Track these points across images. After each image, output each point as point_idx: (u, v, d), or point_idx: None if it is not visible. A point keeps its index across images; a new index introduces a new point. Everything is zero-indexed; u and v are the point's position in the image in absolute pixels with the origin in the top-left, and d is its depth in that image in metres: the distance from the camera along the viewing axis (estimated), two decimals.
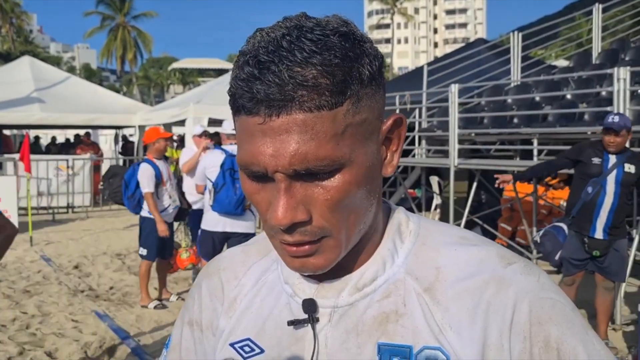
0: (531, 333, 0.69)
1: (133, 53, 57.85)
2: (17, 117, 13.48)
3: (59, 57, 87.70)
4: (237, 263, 0.87)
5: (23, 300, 6.16)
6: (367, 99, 0.67)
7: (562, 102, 7.52)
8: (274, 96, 0.63)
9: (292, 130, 0.63)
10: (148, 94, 70.07)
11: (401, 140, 0.74)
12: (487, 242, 0.77)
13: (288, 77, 0.62)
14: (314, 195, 0.67)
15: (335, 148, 0.64)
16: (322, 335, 0.75)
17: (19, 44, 54.89)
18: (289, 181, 0.66)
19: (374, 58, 0.68)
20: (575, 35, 12.77)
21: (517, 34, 9.49)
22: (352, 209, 0.69)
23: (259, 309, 0.81)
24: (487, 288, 0.71)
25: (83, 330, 5.23)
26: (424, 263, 0.75)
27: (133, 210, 5.93)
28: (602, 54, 8.78)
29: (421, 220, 0.80)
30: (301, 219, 0.67)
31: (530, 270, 0.73)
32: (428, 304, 0.72)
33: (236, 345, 0.80)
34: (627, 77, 5.51)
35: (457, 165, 7.28)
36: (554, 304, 0.71)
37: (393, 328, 0.72)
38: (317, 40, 0.64)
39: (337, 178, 0.66)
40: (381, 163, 0.73)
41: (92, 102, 14.54)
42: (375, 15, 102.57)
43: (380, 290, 0.74)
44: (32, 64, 15.74)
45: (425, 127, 9.16)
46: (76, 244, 9.41)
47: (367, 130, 0.68)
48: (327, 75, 0.63)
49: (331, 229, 0.68)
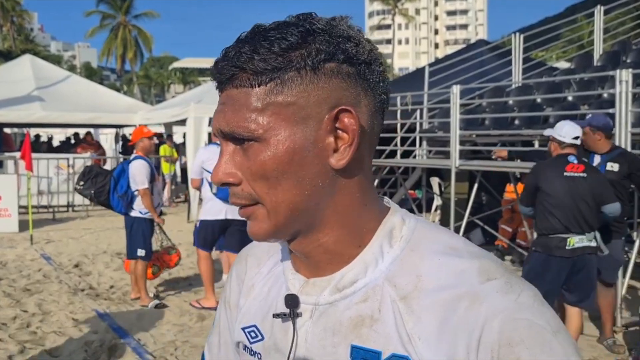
0: (499, 354, 0.66)
1: (134, 52, 57.82)
2: (17, 116, 13.47)
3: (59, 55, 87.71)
4: (262, 251, 0.93)
5: (23, 299, 6.15)
6: (298, 84, 0.72)
7: (564, 103, 7.52)
8: (220, 75, 0.76)
9: (227, 102, 0.75)
10: (149, 93, 70.05)
11: (354, 135, 0.73)
12: (476, 255, 0.75)
13: (232, 60, 0.74)
14: (241, 162, 0.75)
15: (252, 121, 0.73)
16: (302, 330, 0.79)
17: (20, 42, 54.83)
18: (226, 144, 0.77)
19: (319, 51, 0.72)
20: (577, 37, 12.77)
21: (518, 35, 9.49)
22: (274, 185, 0.74)
23: (266, 298, 0.86)
24: (460, 302, 0.70)
25: (83, 329, 5.22)
26: (407, 271, 0.75)
27: (123, 209, 5.87)
28: (604, 56, 8.78)
29: (418, 224, 0.79)
30: (228, 180, 0.76)
31: (511, 289, 0.70)
32: (401, 312, 0.73)
33: (246, 330, 0.87)
34: (629, 79, 5.51)
35: (458, 167, 7.28)
36: (530, 325, 0.67)
37: (367, 332, 0.74)
38: (277, 35, 0.73)
39: (256, 149, 0.74)
40: (324, 153, 0.74)
41: (92, 101, 14.53)
42: (376, 16, 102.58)
43: (359, 294, 0.76)
44: (32, 63, 15.73)
45: (426, 128, 9.16)
46: (76, 243, 9.41)
47: (297, 113, 0.73)
48: (259, 60, 0.72)
49: (258, 197, 0.75)
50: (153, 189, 5.86)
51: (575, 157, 4.22)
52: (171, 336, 5.09)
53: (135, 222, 5.87)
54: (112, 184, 5.91)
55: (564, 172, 4.17)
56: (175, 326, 5.36)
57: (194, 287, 6.61)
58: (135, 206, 5.85)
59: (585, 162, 4.28)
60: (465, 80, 8.80)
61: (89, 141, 16.26)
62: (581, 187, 4.11)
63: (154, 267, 6.15)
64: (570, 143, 4.25)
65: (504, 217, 8.46)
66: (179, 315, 5.66)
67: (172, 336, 5.09)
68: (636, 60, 8.07)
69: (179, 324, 5.42)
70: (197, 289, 6.50)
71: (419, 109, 9.11)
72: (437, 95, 8.95)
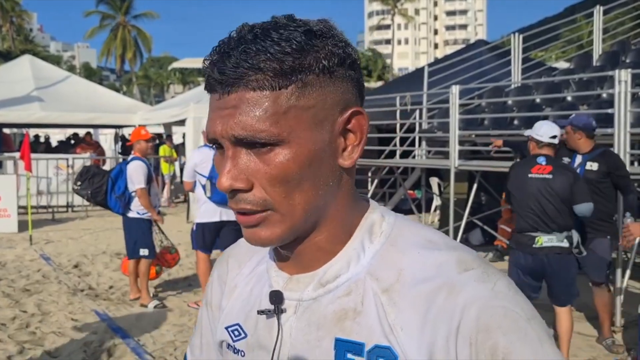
0: (477, 340, 0.69)
1: (133, 52, 57.83)
2: (17, 116, 13.47)
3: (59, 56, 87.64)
4: (243, 252, 0.94)
5: (23, 299, 6.15)
6: (317, 87, 0.73)
7: (563, 104, 7.52)
8: (227, 76, 0.72)
9: (239, 105, 0.72)
10: (148, 93, 70.03)
11: (363, 134, 0.78)
12: (453, 247, 0.78)
13: (242, 60, 0.71)
14: (256, 167, 0.73)
15: (274, 124, 0.71)
16: (287, 325, 0.80)
17: (19, 42, 54.81)
18: (235, 149, 0.74)
19: (332, 55, 0.74)
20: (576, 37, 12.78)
21: (517, 35, 9.49)
22: (294, 188, 0.73)
23: (248, 297, 0.88)
24: (439, 293, 0.72)
25: (83, 330, 5.22)
26: (388, 264, 0.78)
27: (120, 210, 5.89)
28: (603, 56, 8.78)
29: (396, 220, 0.82)
30: (239, 187, 0.74)
31: (487, 278, 0.73)
32: (384, 305, 0.75)
33: (229, 329, 0.88)
34: (629, 79, 5.51)
35: (457, 167, 7.28)
36: (506, 312, 0.70)
37: (350, 325, 0.76)
38: (281, 34, 0.72)
39: (277, 153, 0.72)
40: (336, 153, 0.77)
41: (92, 102, 14.53)
42: (376, 16, 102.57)
43: (342, 288, 0.78)
44: (32, 63, 15.73)
45: (425, 128, 9.16)
46: (76, 243, 9.41)
47: (316, 116, 0.74)
48: (275, 61, 0.71)
49: (273, 203, 0.74)
50: (150, 190, 5.88)
51: (545, 158, 4.27)
52: (170, 336, 5.09)
53: (133, 222, 5.88)
54: (109, 185, 5.92)
55: (529, 174, 4.28)
56: (174, 326, 5.36)
57: (193, 288, 6.61)
58: (133, 207, 5.86)
59: (556, 163, 4.30)
60: (465, 81, 8.79)
61: (89, 141, 16.25)
62: (546, 187, 4.19)
63: (157, 267, 6.17)
64: (547, 142, 4.29)
65: (503, 217, 8.45)
66: (178, 316, 5.66)
67: (171, 336, 5.09)
68: (635, 60, 8.08)
69: (178, 324, 5.42)
70: (196, 289, 6.50)
71: (418, 109, 9.10)
72: (437, 96, 8.94)
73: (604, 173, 4.64)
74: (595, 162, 4.66)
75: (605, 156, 4.72)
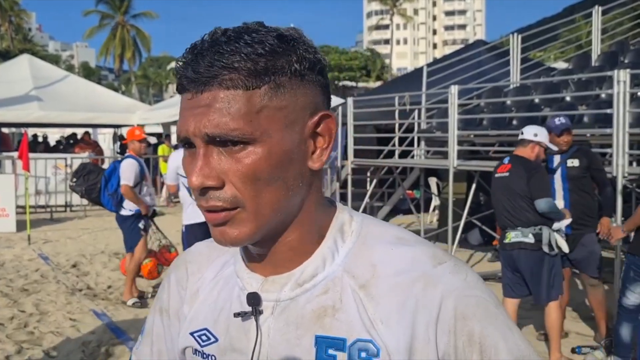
0: (456, 328, 0.74)
1: (132, 52, 57.75)
2: (15, 115, 13.46)
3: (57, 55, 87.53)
4: (202, 257, 0.94)
5: (21, 299, 6.15)
6: (289, 89, 0.75)
7: (562, 104, 7.52)
8: (200, 75, 0.73)
9: (213, 104, 0.73)
10: (147, 93, 69.98)
11: (332, 138, 0.80)
12: (423, 243, 0.83)
13: (215, 60, 0.73)
14: (227, 165, 0.74)
15: (247, 123, 0.73)
16: (265, 326, 0.81)
17: (18, 42, 54.74)
18: (207, 147, 0.74)
19: (303, 59, 0.76)
20: (575, 38, 12.78)
21: (516, 35, 9.49)
22: (263, 186, 0.75)
23: (215, 301, 0.87)
24: (415, 285, 0.76)
25: (81, 329, 5.22)
26: (362, 261, 0.80)
27: (113, 207, 5.97)
28: (602, 56, 8.78)
29: (364, 220, 0.85)
30: (211, 184, 0.74)
31: (459, 270, 0.78)
32: (362, 300, 0.78)
33: (195, 335, 0.88)
34: (627, 79, 5.51)
35: (456, 167, 7.28)
36: (478, 301, 0.76)
37: (330, 322, 0.78)
38: (253, 37, 0.74)
39: (250, 152, 0.74)
40: (306, 155, 0.78)
41: (90, 101, 14.52)
42: (375, 16, 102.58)
43: (319, 286, 0.80)
44: (30, 62, 15.72)
45: (424, 128, 9.16)
46: (74, 243, 9.40)
47: (287, 117, 0.75)
48: (249, 62, 0.73)
49: (243, 200, 0.75)
50: (142, 189, 5.95)
51: (509, 158, 4.55)
52: None
53: (127, 220, 5.96)
54: (103, 182, 6.02)
55: (495, 174, 4.59)
56: None
57: None
58: (125, 205, 5.91)
59: (517, 161, 4.46)
60: (463, 81, 8.80)
61: (87, 141, 16.24)
62: (505, 185, 4.44)
63: (159, 267, 6.19)
64: (528, 139, 4.46)
65: None
66: None
67: None
68: (634, 60, 8.08)
69: None
70: None
71: (417, 109, 9.10)
72: (435, 96, 8.94)
73: (584, 168, 4.75)
74: (575, 159, 4.77)
75: (583, 152, 4.85)
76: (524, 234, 4.30)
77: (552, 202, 4.34)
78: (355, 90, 45.14)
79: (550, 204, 4.28)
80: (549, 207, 4.26)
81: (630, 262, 4.06)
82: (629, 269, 4.06)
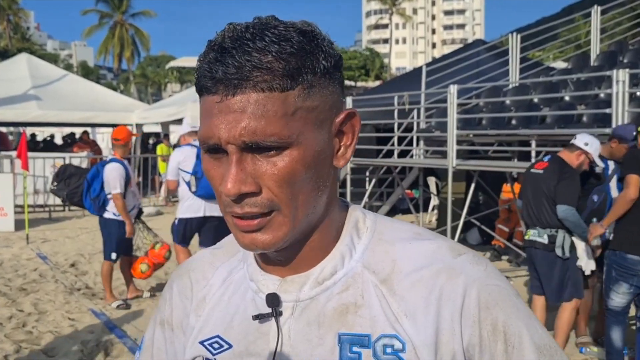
0: (480, 317, 0.75)
1: (130, 51, 57.72)
2: (14, 115, 13.45)
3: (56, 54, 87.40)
4: (205, 264, 0.91)
5: (19, 298, 6.14)
6: (319, 88, 0.74)
7: (561, 103, 7.52)
8: (231, 76, 0.69)
9: (246, 108, 0.70)
10: (145, 92, 69.94)
11: (355, 135, 0.79)
12: (440, 237, 0.83)
13: (246, 60, 0.69)
14: (263, 170, 0.72)
15: (284, 127, 0.70)
16: (285, 327, 0.79)
17: (16, 41, 54.65)
18: (240, 154, 0.72)
19: (329, 55, 0.75)
20: (574, 37, 12.77)
21: (515, 35, 9.49)
22: (299, 189, 0.73)
23: (226, 307, 0.85)
24: (439, 277, 0.76)
25: (79, 329, 5.21)
26: (381, 256, 0.80)
27: (96, 212, 5.81)
28: (601, 56, 8.79)
29: (377, 217, 0.85)
30: (249, 190, 0.72)
31: (478, 261, 0.79)
32: (385, 295, 0.77)
33: (205, 343, 0.84)
34: (626, 79, 5.51)
35: (455, 166, 7.27)
36: (500, 290, 0.77)
37: (352, 319, 0.77)
38: (277, 34, 0.71)
39: (285, 155, 0.72)
40: (332, 154, 0.78)
41: (89, 100, 14.51)
42: (374, 16, 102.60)
43: (339, 284, 0.79)
44: (29, 62, 15.71)
45: (423, 127, 9.16)
46: (73, 242, 9.39)
47: (318, 117, 0.74)
48: (281, 61, 0.70)
49: (279, 204, 0.73)
50: (127, 192, 5.77)
51: (550, 157, 4.51)
52: None
53: (109, 224, 5.80)
54: (85, 186, 5.83)
55: (531, 169, 4.56)
56: None
57: None
58: (109, 208, 5.77)
59: (555, 161, 4.40)
60: (463, 80, 8.79)
61: (86, 140, 16.22)
62: (535, 182, 4.41)
63: (142, 265, 6.04)
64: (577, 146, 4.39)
65: (501, 217, 8.46)
66: None
67: None
68: (633, 60, 8.08)
69: None
70: None
71: (416, 109, 9.10)
72: (435, 95, 8.94)
73: None
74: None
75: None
76: (539, 233, 4.33)
77: (572, 211, 4.22)
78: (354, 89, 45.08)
79: (569, 213, 4.20)
80: (566, 215, 4.20)
81: (611, 262, 4.01)
82: (610, 269, 4.02)
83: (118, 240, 5.83)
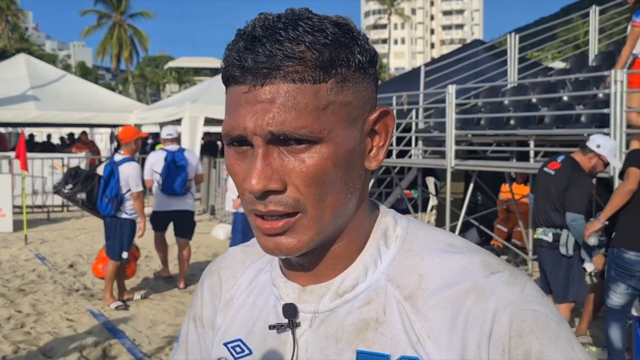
0: (510, 346, 0.67)
1: (129, 51, 57.70)
2: (12, 115, 13.42)
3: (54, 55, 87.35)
4: (236, 262, 0.89)
5: (18, 299, 6.13)
6: (353, 83, 0.70)
7: (559, 103, 7.52)
8: (261, 65, 0.66)
9: (275, 99, 0.66)
10: (144, 92, 69.91)
11: (388, 136, 0.75)
12: (475, 250, 0.75)
13: (277, 49, 0.65)
14: (290, 166, 0.68)
15: (314, 121, 0.66)
16: (302, 340, 0.75)
17: (15, 41, 54.61)
18: (267, 147, 0.67)
19: (365, 50, 0.71)
20: (572, 37, 12.77)
21: (514, 35, 9.49)
22: (327, 189, 0.69)
23: (250, 310, 0.82)
24: (467, 297, 0.69)
25: (78, 329, 5.21)
26: (408, 270, 0.74)
27: (112, 211, 5.74)
28: (599, 56, 8.79)
29: (410, 224, 0.79)
30: (274, 188, 0.67)
31: (515, 281, 0.70)
32: (408, 313, 0.71)
33: (229, 345, 0.82)
34: (624, 79, 5.51)
35: (454, 167, 7.27)
36: (538, 316, 0.68)
37: (372, 336, 0.72)
38: (311, 24, 0.67)
39: (315, 152, 0.67)
40: (364, 154, 0.73)
41: (88, 101, 14.48)
42: (372, 16, 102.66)
43: (361, 297, 0.74)
44: (27, 62, 15.66)
45: (422, 127, 9.16)
46: (71, 243, 9.38)
47: (351, 114, 0.70)
48: (314, 52, 0.66)
49: (305, 204, 0.68)
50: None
51: (563, 157, 4.46)
52: (166, 336, 5.08)
53: (121, 223, 5.81)
54: (102, 186, 5.81)
55: (544, 168, 4.54)
56: (170, 326, 5.34)
57: (189, 286, 6.60)
58: (123, 208, 5.79)
59: (569, 163, 4.36)
60: (461, 80, 8.80)
61: (84, 140, 16.20)
62: (546, 182, 4.42)
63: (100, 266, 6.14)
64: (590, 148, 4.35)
65: (500, 217, 8.47)
66: (173, 316, 5.65)
67: (166, 336, 5.08)
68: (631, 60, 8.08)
69: (174, 324, 5.40)
70: (192, 288, 6.49)
71: (415, 109, 9.10)
72: (433, 95, 8.94)
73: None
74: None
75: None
76: (545, 232, 4.38)
77: (580, 221, 4.19)
78: None
79: (577, 223, 4.18)
80: (574, 224, 4.20)
81: (611, 260, 4.02)
82: (610, 267, 4.03)
83: (129, 239, 5.88)
